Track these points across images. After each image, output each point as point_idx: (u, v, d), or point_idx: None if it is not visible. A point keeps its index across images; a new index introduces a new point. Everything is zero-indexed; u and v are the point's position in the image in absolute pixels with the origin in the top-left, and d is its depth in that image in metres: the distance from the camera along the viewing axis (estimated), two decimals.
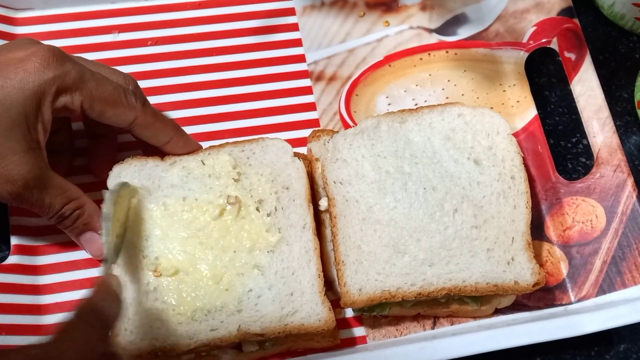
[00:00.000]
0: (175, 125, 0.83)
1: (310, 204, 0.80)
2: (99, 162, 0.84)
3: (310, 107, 0.91)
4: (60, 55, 0.73)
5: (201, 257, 0.78)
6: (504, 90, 0.92)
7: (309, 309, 0.76)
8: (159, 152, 0.83)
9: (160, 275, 0.77)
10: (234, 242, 0.79)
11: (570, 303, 0.83)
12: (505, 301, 0.82)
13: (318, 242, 0.79)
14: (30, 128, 0.72)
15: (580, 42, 0.91)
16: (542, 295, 0.84)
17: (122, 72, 0.80)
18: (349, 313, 0.82)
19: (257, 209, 0.80)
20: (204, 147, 0.84)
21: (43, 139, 0.74)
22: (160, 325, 0.76)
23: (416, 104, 0.91)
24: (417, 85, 0.92)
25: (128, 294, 0.77)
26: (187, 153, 0.83)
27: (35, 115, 0.72)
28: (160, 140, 0.81)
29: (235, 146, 0.83)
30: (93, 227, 0.79)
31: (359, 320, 0.82)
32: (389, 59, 0.93)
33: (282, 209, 0.80)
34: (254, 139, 0.83)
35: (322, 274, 0.78)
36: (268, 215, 0.80)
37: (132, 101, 0.77)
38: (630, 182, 0.85)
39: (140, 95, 0.80)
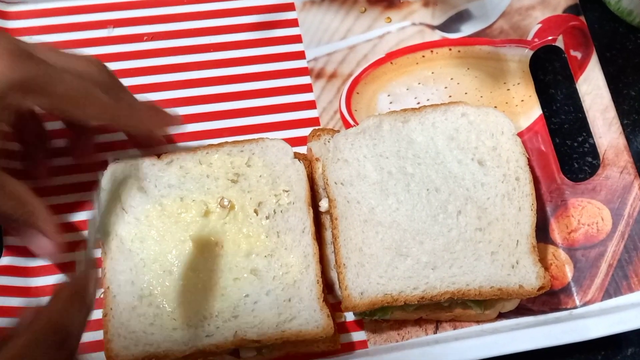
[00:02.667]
0: (149, 106, 0.78)
1: (310, 208, 0.79)
2: (79, 151, 0.82)
3: (310, 105, 0.90)
4: (19, 54, 0.67)
5: (197, 261, 0.77)
6: (508, 89, 0.91)
7: (307, 316, 0.75)
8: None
9: (156, 279, 0.76)
10: (231, 246, 0.77)
11: (576, 307, 0.82)
12: (509, 305, 0.81)
13: (317, 247, 0.78)
14: None
15: (586, 40, 0.90)
16: (547, 299, 0.83)
17: (93, 60, 0.75)
18: (350, 317, 0.81)
19: (256, 212, 0.78)
20: (201, 146, 0.82)
21: None
22: (155, 331, 0.74)
23: (418, 103, 0.90)
24: (419, 83, 0.91)
25: (122, 298, 0.76)
26: (169, 125, 0.80)
27: None
28: (141, 130, 0.79)
29: (234, 146, 0.81)
30: (36, 227, 0.75)
31: (360, 324, 0.81)
32: (391, 56, 0.92)
33: (282, 212, 0.79)
34: (254, 139, 0.82)
35: (320, 279, 0.77)
36: (267, 218, 0.78)
37: (101, 98, 0.73)
38: (637, 184, 0.84)
39: (114, 86, 0.75)
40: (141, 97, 0.80)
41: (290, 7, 0.94)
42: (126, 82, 0.86)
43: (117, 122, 0.76)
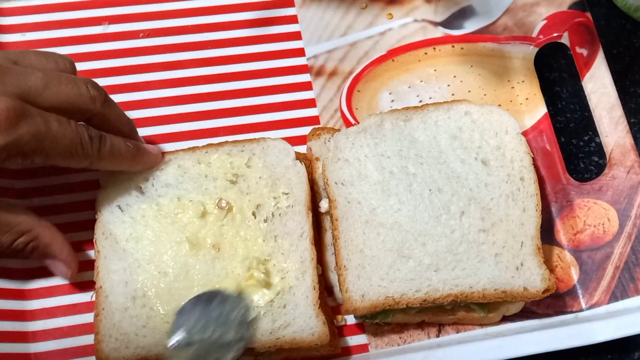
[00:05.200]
0: (132, 154, 0.77)
1: (310, 212, 0.78)
2: None
3: (310, 103, 0.89)
4: (16, 115, 0.66)
5: (192, 264, 0.76)
6: (513, 87, 0.90)
7: (302, 323, 0.74)
8: None
9: (150, 280, 0.75)
10: (228, 249, 0.76)
11: (581, 310, 0.81)
12: (514, 308, 0.80)
13: (315, 253, 0.77)
14: None
15: (592, 37, 0.89)
16: (552, 302, 0.82)
17: (88, 82, 0.73)
18: (351, 320, 0.81)
19: (254, 214, 0.77)
20: (200, 146, 0.81)
21: None
22: (147, 334, 0.74)
23: (421, 101, 0.89)
24: (421, 81, 0.90)
25: (114, 298, 0.75)
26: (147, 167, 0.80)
27: None
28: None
29: (234, 145, 0.80)
30: (52, 256, 0.76)
31: (361, 327, 0.80)
32: (393, 53, 0.91)
33: (280, 215, 0.78)
34: (254, 138, 0.81)
35: (317, 286, 0.76)
36: (265, 221, 0.77)
37: (87, 151, 0.72)
38: None
39: (97, 135, 0.73)
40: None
41: (289, 3, 0.92)
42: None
43: (95, 168, 0.75)
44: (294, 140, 0.83)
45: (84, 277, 0.79)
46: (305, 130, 0.85)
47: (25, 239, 0.74)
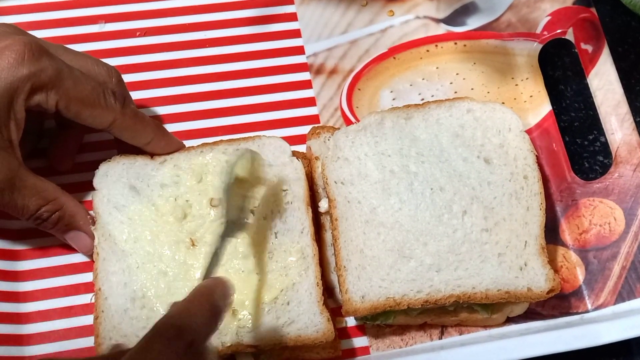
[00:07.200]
0: (157, 125, 0.80)
1: (309, 207, 0.78)
2: (60, 153, 0.82)
3: (310, 102, 0.88)
4: (37, 50, 0.70)
5: (192, 263, 0.75)
6: (516, 85, 0.89)
7: (307, 320, 0.74)
8: (136, 151, 0.81)
9: (149, 280, 0.75)
10: (228, 247, 0.74)
11: (587, 311, 0.81)
12: (518, 309, 0.79)
13: (317, 248, 0.76)
14: (1, 126, 0.70)
15: (597, 33, 0.88)
16: (557, 303, 0.81)
17: (105, 65, 0.77)
18: (351, 322, 0.80)
19: (252, 212, 0.76)
20: (196, 145, 0.81)
21: (16, 137, 0.72)
22: None
23: (422, 99, 0.88)
24: (423, 79, 0.89)
25: (114, 300, 0.74)
26: (169, 153, 0.80)
27: (7, 113, 0.70)
28: (140, 141, 0.79)
29: (229, 144, 0.80)
30: (77, 227, 0.77)
31: (362, 329, 0.80)
32: (394, 50, 0.91)
33: (279, 212, 0.77)
34: (250, 136, 0.81)
35: (320, 282, 0.75)
36: (264, 218, 0.77)
37: (111, 102, 0.75)
38: None
39: (121, 94, 0.77)
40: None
41: (289, 0, 0.92)
42: None
43: (118, 130, 0.77)
44: (293, 139, 0.82)
45: (80, 279, 0.79)
46: (305, 129, 0.85)
47: (51, 207, 0.74)
